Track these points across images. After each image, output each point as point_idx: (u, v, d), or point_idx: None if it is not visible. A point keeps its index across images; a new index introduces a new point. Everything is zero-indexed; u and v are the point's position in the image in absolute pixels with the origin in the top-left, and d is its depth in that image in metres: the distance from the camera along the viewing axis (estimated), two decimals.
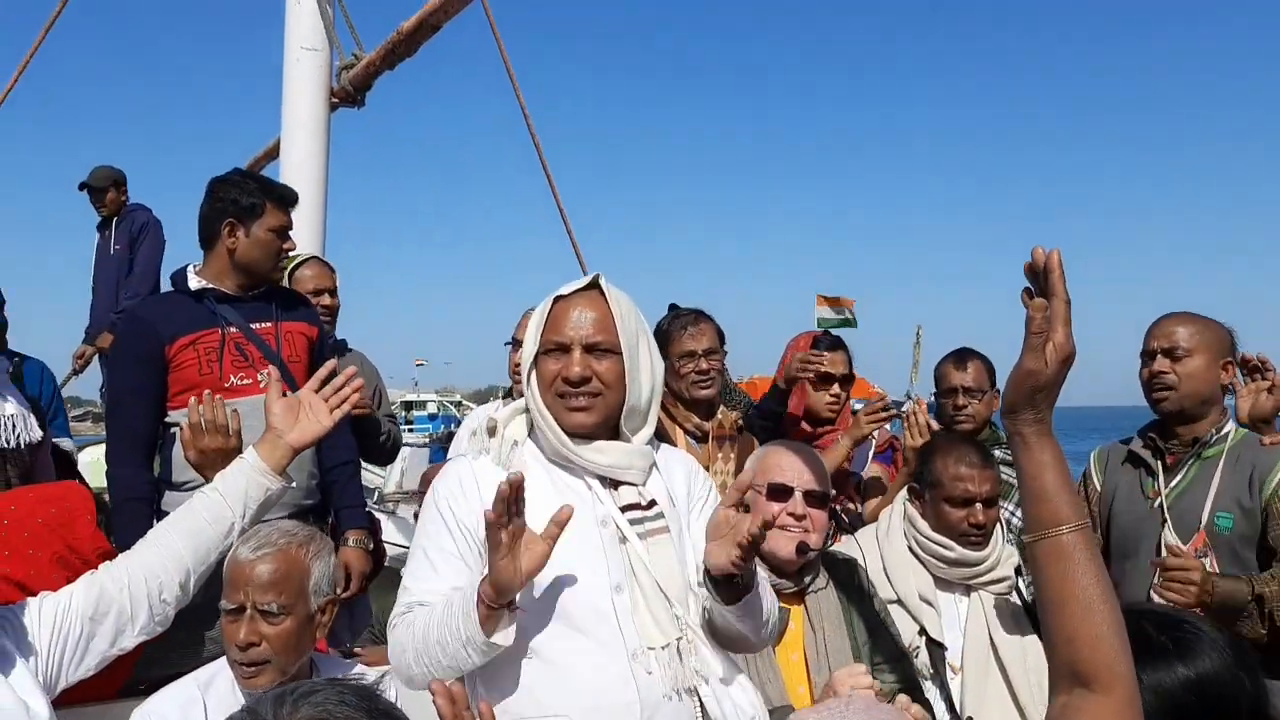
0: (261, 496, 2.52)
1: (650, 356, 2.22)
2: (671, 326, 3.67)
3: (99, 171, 7.14)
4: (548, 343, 2.16)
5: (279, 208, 3.23)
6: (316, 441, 2.67)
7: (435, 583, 2.09)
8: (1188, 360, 3.02)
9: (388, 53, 5.46)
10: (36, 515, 2.48)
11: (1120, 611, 1.43)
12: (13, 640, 2.16)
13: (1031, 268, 1.43)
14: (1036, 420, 1.46)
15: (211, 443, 2.73)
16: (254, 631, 2.27)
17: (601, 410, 2.14)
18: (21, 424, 3.18)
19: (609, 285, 2.21)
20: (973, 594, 3.01)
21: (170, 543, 2.43)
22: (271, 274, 3.26)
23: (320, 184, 5.69)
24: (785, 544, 2.64)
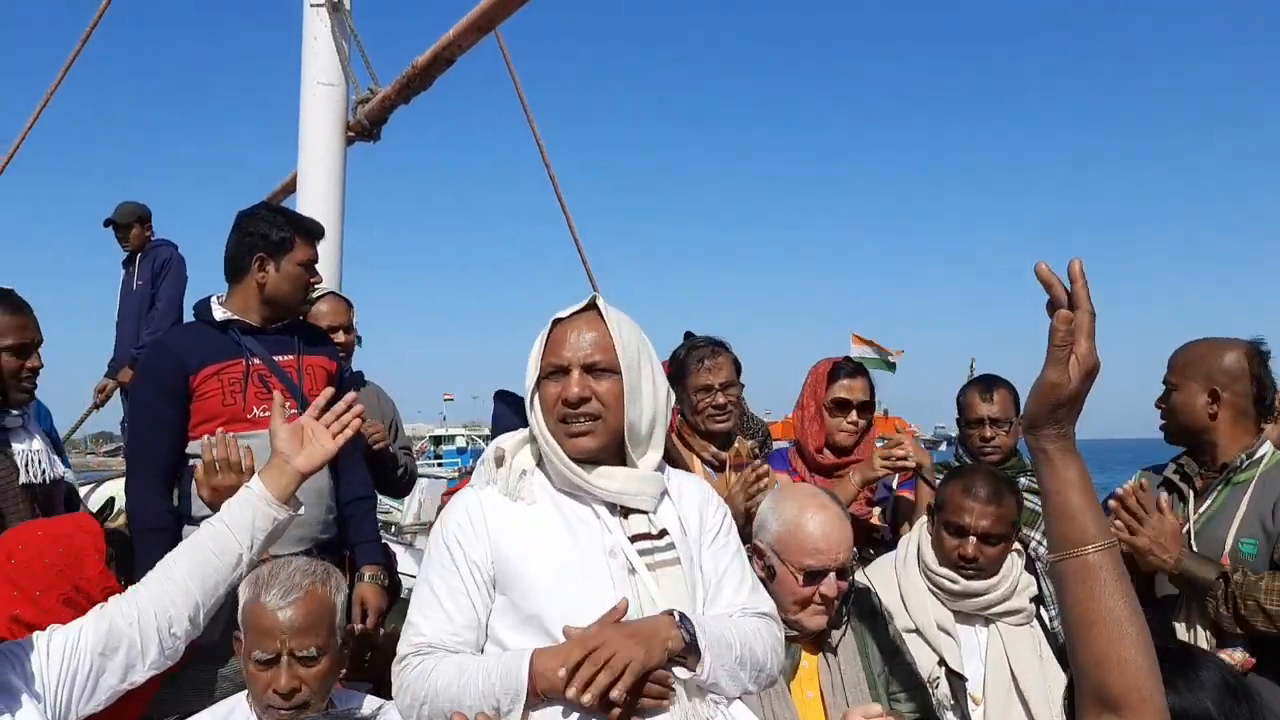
0: (269, 526, 2.49)
1: (653, 377, 2.18)
2: (688, 358, 3.64)
3: (123, 208, 7.19)
4: (547, 366, 2.14)
5: (307, 242, 3.25)
6: (323, 465, 2.65)
7: (444, 623, 2.07)
8: (1173, 394, 3.02)
9: (403, 87, 5.49)
10: (44, 556, 2.46)
11: (1149, 634, 1.39)
12: (21, 676, 2.14)
13: (1042, 281, 1.39)
14: (1059, 436, 1.42)
15: (225, 480, 2.72)
16: (294, 677, 2.26)
17: (603, 433, 2.11)
18: (46, 460, 3.21)
19: (607, 306, 2.19)
20: (992, 625, 2.97)
21: (178, 576, 2.40)
22: (298, 307, 3.28)
23: (337, 217, 5.72)
24: (815, 620, 2.60)
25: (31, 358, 3.14)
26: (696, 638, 1.99)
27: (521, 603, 2.05)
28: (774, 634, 2.20)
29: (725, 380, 3.57)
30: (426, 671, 2.02)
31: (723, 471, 3.57)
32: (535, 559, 2.07)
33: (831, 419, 3.78)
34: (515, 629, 2.05)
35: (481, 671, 1.97)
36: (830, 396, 3.77)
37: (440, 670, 2.01)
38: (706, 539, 2.23)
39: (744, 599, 2.21)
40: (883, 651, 2.71)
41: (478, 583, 2.08)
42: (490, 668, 1.98)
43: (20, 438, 3.19)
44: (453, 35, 5.06)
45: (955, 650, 2.90)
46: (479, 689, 1.95)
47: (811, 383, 3.86)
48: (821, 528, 2.60)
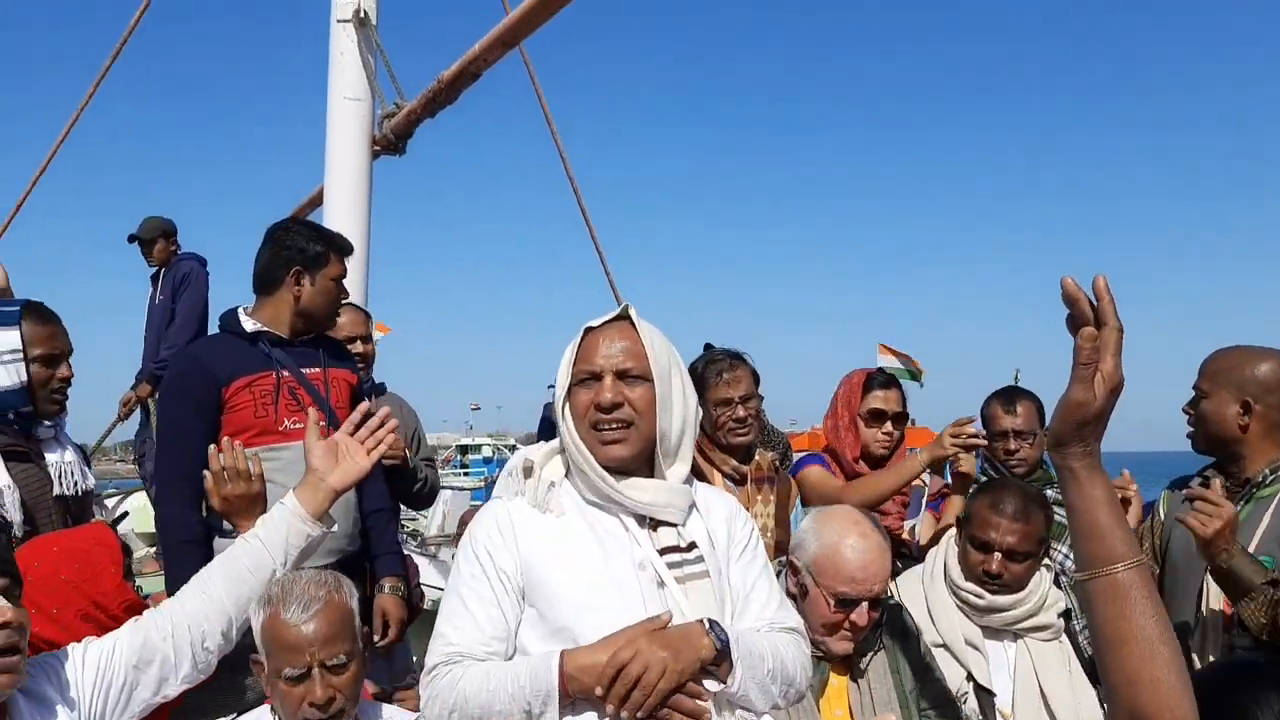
0: (302, 543, 2.52)
1: (684, 388, 2.19)
2: (706, 371, 3.62)
3: (148, 223, 7.26)
4: (580, 373, 2.15)
5: (340, 257, 3.28)
6: (358, 483, 2.67)
7: (474, 633, 2.07)
8: (1204, 402, 2.96)
9: (428, 101, 5.52)
10: (60, 572, 2.46)
11: (1181, 653, 1.37)
12: (56, 688, 2.16)
13: (1069, 297, 1.38)
14: (1085, 454, 1.40)
15: (234, 489, 2.74)
16: (328, 686, 2.26)
17: (635, 441, 2.11)
18: (78, 471, 3.24)
19: (639, 316, 2.21)
20: (1020, 640, 2.95)
21: (213, 591, 2.43)
22: (329, 321, 3.30)
23: (363, 229, 5.75)
24: (843, 646, 2.58)
25: (61, 368, 3.15)
26: (729, 646, 2.00)
27: (550, 615, 2.06)
28: (802, 649, 2.20)
29: (745, 393, 3.56)
30: (455, 679, 2.02)
31: (743, 485, 3.56)
32: (564, 571, 2.07)
33: (866, 429, 3.77)
34: (544, 640, 2.06)
35: (510, 676, 1.98)
36: (865, 407, 3.77)
37: (469, 677, 2.01)
38: (734, 553, 2.22)
39: (772, 613, 2.21)
40: (914, 668, 2.70)
41: (508, 592, 2.09)
42: (519, 671, 1.98)
43: (53, 449, 3.22)
44: (478, 50, 5.09)
45: (983, 665, 2.88)
46: (508, 693, 1.96)
47: (845, 393, 3.85)
48: (861, 557, 2.57)
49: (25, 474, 3.07)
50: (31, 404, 3.09)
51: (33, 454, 3.14)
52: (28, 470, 3.09)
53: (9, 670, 2.00)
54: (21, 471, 3.06)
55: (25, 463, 3.10)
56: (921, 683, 2.70)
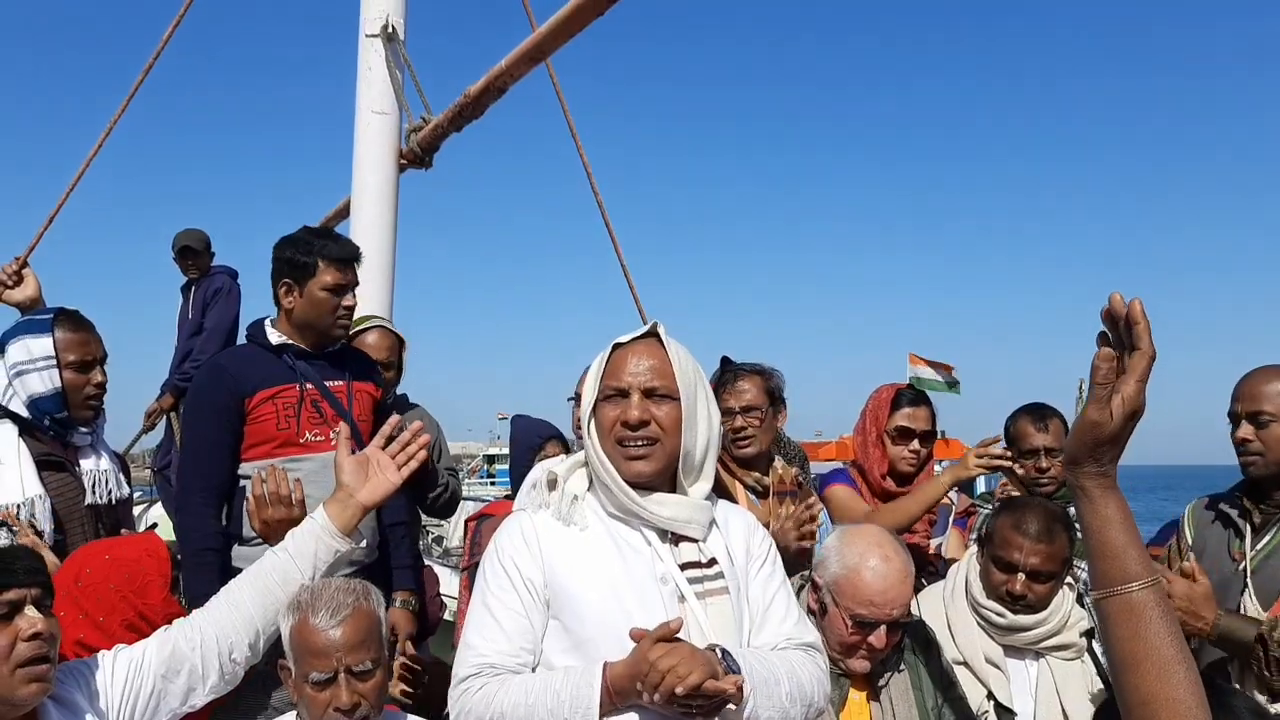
0: (330, 558, 2.55)
1: (709, 407, 2.21)
2: (717, 385, 3.64)
3: (194, 234, 7.27)
4: (607, 389, 2.17)
5: (333, 266, 3.19)
6: (387, 500, 2.70)
7: (503, 643, 2.08)
8: (1275, 426, 2.85)
9: (455, 115, 5.54)
10: (110, 580, 2.50)
11: (1197, 673, 1.37)
12: (85, 695, 2.19)
13: (1110, 314, 1.37)
14: (1100, 474, 1.41)
15: (275, 514, 2.77)
16: (354, 692, 2.29)
17: (660, 458, 2.14)
18: (113, 480, 3.27)
19: (667, 334, 2.22)
20: (1042, 659, 2.93)
21: (241, 602, 2.46)
22: (331, 331, 3.24)
23: (389, 243, 5.78)
24: (860, 665, 2.58)
25: (94, 373, 3.18)
26: (740, 677, 2.00)
27: (575, 627, 2.08)
28: (819, 665, 2.21)
29: (746, 404, 3.55)
30: (490, 694, 2.03)
31: (766, 498, 3.56)
32: (588, 584, 2.09)
33: (893, 447, 3.74)
34: (567, 653, 2.08)
35: (550, 690, 1.99)
36: (893, 424, 3.74)
37: (505, 691, 2.02)
38: (753, 569, 2.25)
39: (789, 629, 2.22)
40: (936, 685, 2.69)
41: (536, 603, 2.10)
42: (558, 686, 1.99)
43: (89, 456, 3.24)
44: (504, 65, 5.11)
45: (1004, 684, 2.86)
46: (547, 707, 1.97)
47: (873, 408, 3.83)
48: (882, 580, 2.56)
49: (60, 483, 3.10)
50: (66, 410, 3.12)
51: (68, 463, 3.16)
52: (62, 480, 3.12)
53: (39, 679, 2.03)
54: (56, 481, 3.09)
55: (60, 472, 3.13)
56: (944, 700, 2.69)
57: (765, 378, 3.64)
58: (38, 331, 3.13)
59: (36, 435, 3.12)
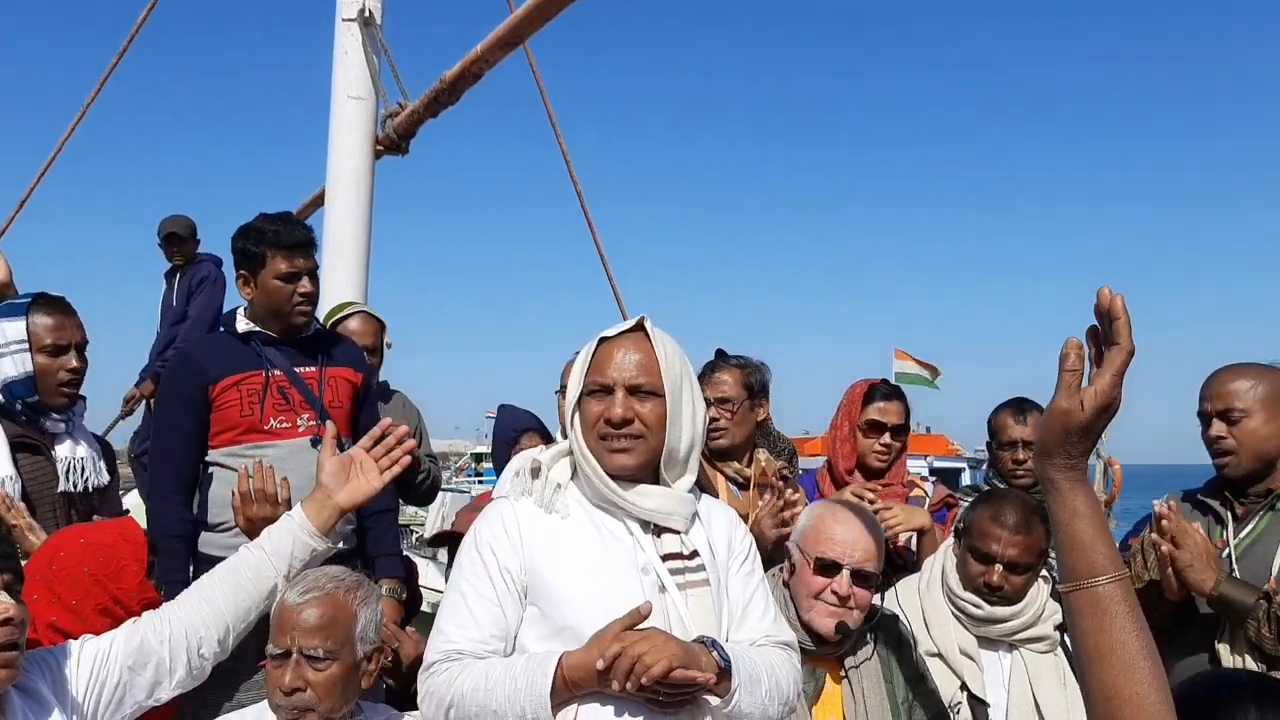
0: (307, 557, 2.53)
1: (694, 402, 2.20)
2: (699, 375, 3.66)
3: (180, 220, 7.24)
4: (592, 384, 2.17)
5: (281, 254, 3.14)
6: (366, 503, 2.68)
7: (474, 630, 2.08)
8: (1245, 421, 2.87)
9: (431, 101, 5.51)
10: (84, 564, 2.48)
11: (1162, 668, 1.37)
12: (50, 685, 2.16)
13: (1101, 309, 1.37)
14: (1069, 466, 1.41)
15: (260, 511, 2.75)
16: (299, 677, 2.25)
17: (643, 453, 2.14)
18: (91, 467, 3.23)
19: (654, 328, 2.21)
20: (1016, 651, 2.94)
21: (213, 598, 2.43)
22: (291, 319, 3.18)
23: (365, 230, 5.74)
24: (825, 621, 2.58)
25: (68, 358, 3.14)
26: (730, 668, 2.01)
27: (553, 614, 2.07)
28: (795, 665, 2.22)
29: (720, 396, 3.54)
30: (453, 677, 2.03)
31: (747, 489, 3.56)
32: (568, 571, 2.09)
33: (864, 440, 3.75)
34: (545, 640, 2.07)
35: (508, 676, 1.99)
36: (865, 418, 3.75)
37: (467, 675, 2.02)
38: (734, 565, 2.25)
39: (768, 627, 2.23)
40: (908, 679, 2.69)
41: (510, 591, 2.10)
42: (516, 673, 1.99)
43: (64, 443, 3.21)
44: (480, 50, 5.08)
45: (978, 675, 2.87)
46: (505, 693, 1.97)
47: (846, 403, 3.84)
48: (844, 526, 2.62)
49: (33, 467, 3.08)
50: (37, 394, 3.09)
51: (44, 447, 3.14)
52: (36, 463, 3.10)
53: (7, 665, 2.01)
54: (29, 464, 3.07)
55: (35, 455, 3.11)
56: (915, 694, 2.70)
57: (745, 371, 3.63)
58: (13, 315, 3.11)
59: (13, 418, 3.09)
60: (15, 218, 7.00)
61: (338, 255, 5.59)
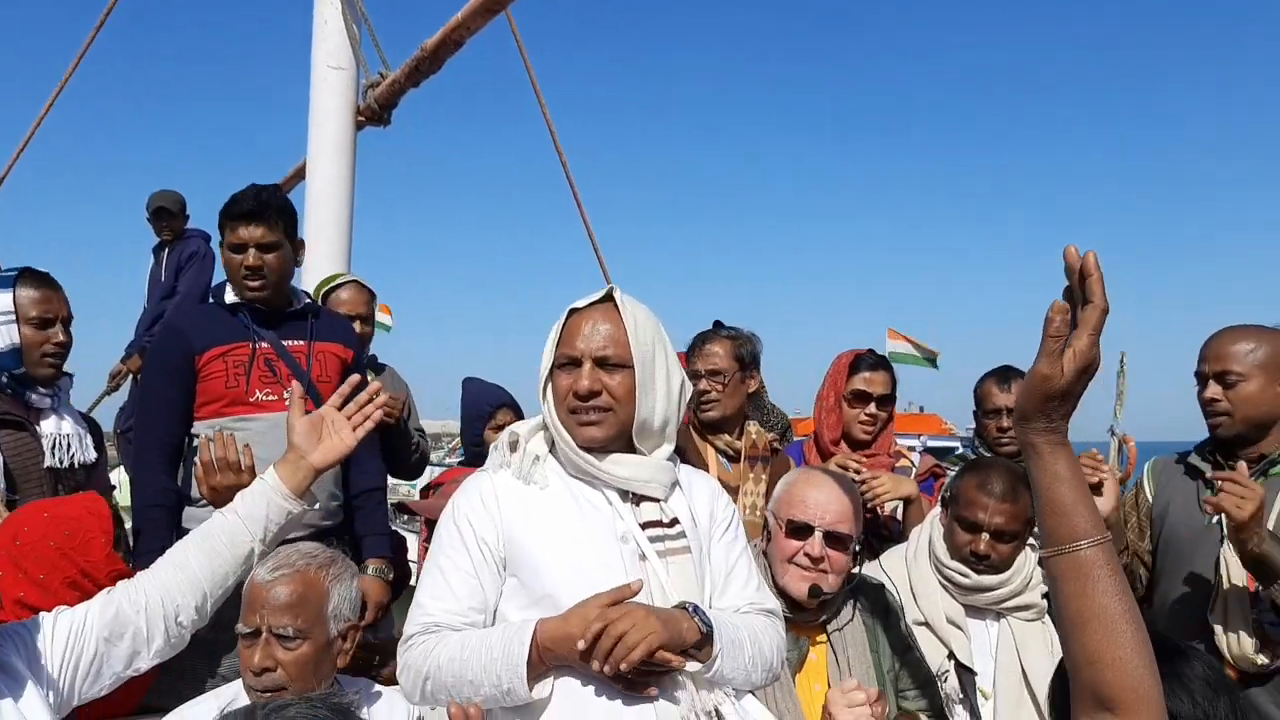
0: (282, 520, 2.49)
1: (667, 372, 2.18)
2: (690, 346, 3.64)
3: (169, 195, 7.21)
4: (561, 356, 2.16)
5: (230, 224, 3.14)
6: (339, 462, 2.65)
7: (451, 603, 2.08)
8: (1242, 385, 2.87)
9: (412, 70, 5.46)
10: (49, 538, 2.45)
11: (1145, 631, 1.36)
12: (24, 659, 2.13)
13: (1069, 267, 1.35)
14: (1049, 430, 1.39)
15: (224, 480, 2.71)
16: (269, 656, 2.22)
17: (612, 425, 2.13)
18: (77, 444, 3.22)
19: (624, 298, 2.19)
20: (1003, 619, 2.94)
21: (188, 565, 2.40)
22: (246, 293, 3.15)
23: (347, 202, 5.70)
24: (798, 585, 2.57)
25: (54, 332, 3.13)
26: (712, 633, 2.01)
27: (531, 584, 2.06)
28: (779, 631, 2.22)
29: (711, 368, 3.54)
30: (429, 648, 2.03)
31: (737, 462, 3.55)
32: (546, 542, 2.08)
33: (849, 410, 3.75)
34: (524, 610, 2.06)
35: (484, 646, 1.98)
36: (850, 388, 3.75)
37: (443, 646, 2.02)
38: (716, 533, 2.24)
39: (751, 594, 2.23)
40: (894, 648, 2.69)
41: (488, 562, 2.09)
42: (492, 643, 1.98)
43: (50, 419, 3.19)
44: (461, 17, 5.02)
45: (965, 644, 2.87)
46: (480, 663, 1.96)
47: (832, 373, 3.83)
48: (815, 489, 2.63)
49: (17, 443, 3.07)
50: (23, 366, 3.08)
51: (28, 422, 3.12)
52: (20, 439, 3.08)
53: None
54: (13, 440, 3.06)
55: (20, 431, 3.09)
56: (901, 663, 2.70)
57: (736, 342, 3.62)
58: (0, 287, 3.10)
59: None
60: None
61: (320, 228, 5.57)
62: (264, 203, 3.14)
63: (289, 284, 3.28)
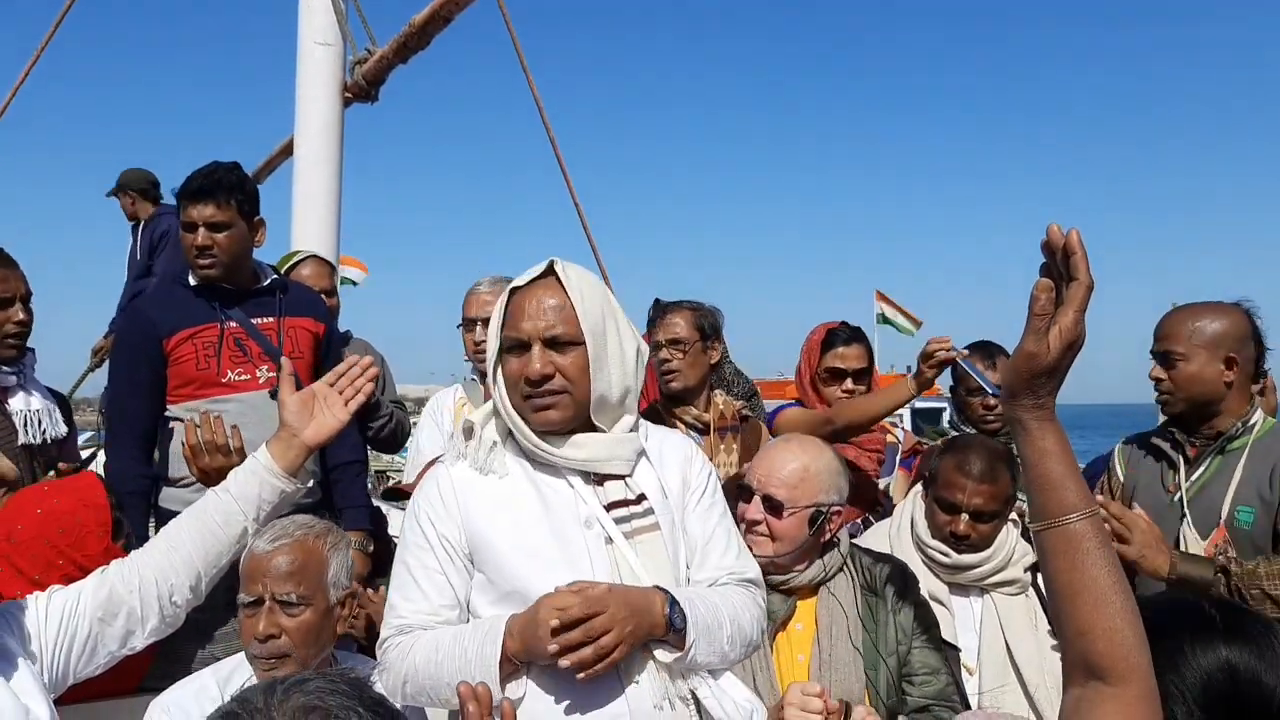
0: (275, 499, 2.49)
1: (620, 341, 2.08)
2: (648, 320, 3.64)
3: (134, 174, 7.21)
4: (508, 340, 2.06)
5: (183, 203, 3.11)
6: (332, 438, 2.64)
7: (422, 603, 2.04)
8: (1183, 365, 2.91)
9: (400, 46, 5.43)
10: (44, 536, 2.43)
11: (1134, 602, 1.38)
12: (17, 639, 2.14)
13: (1048, 246, 1.36)
14: (1037, 406, 1.40)
15: (213, 462, 2.71)
16: (273, 623, 2.24)
17: (569, 406, 2.04)
18: (47, 419, 3.21)
19: (566, 269, 2.08)
20: (986, 595, 2.96)
21: (181, 544, 2.41)
22: (198, 272, 3.12)
23: (335, 180, 5.68)
24: (757, 549, 2.49)
25: (13, 310, 3.12)
26: (686, 627, 1.96)
27: (498, 579, 2.03)
28: (758, 603, 2.17)
29: (671, 337, 3.53)
30: (404, 651, 2.00)
31: (707, 435, 3.55)
32: (509, 534, 2.03)
33: (826, 389, 3.72)
34: (495, 605, 2.03)
35: (458, 647, 1.95)
36: (823, 366, 3.73)
37: (418, 648, 1.99)
38: (691, 501, 2.17)
39: (730, 563, 2.17)
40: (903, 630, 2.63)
41: (453, 559, 2.05)
42: (466, 642, 1.95)
43: (17, 395, 3.19)
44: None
45: (949, 621, 2.88)
46: (455, 665, 1.93)
47: (806, 351, 3.82)
48: (770, 457, 2.62)
49: None
50: None
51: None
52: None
53: None
54: None
55: None
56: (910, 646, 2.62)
57: (698, 313, 3.60)
58: None
59: None
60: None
61: (308, 205, 5.55)
62: (215, 181, 3.09)
63: (248, 263, 3.22)
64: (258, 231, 3.22)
